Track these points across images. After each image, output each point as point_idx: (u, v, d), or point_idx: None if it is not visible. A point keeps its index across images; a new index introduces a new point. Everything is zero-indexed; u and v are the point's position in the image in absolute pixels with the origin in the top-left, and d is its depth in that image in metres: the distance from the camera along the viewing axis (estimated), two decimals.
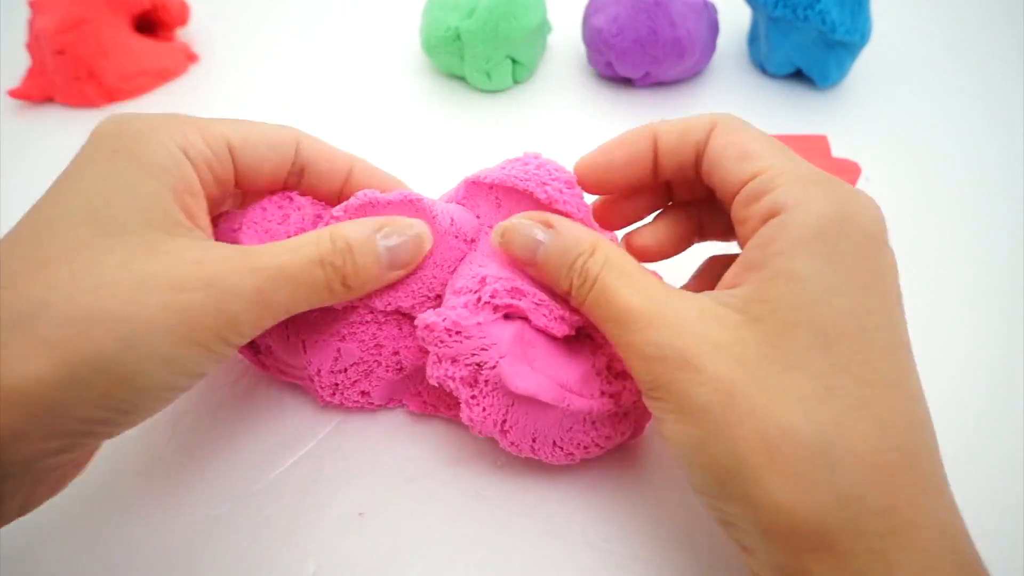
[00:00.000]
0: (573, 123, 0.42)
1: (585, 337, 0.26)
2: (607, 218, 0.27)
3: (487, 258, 0.25)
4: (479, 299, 0.24)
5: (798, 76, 0.44)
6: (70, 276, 0.19)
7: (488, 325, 0.24)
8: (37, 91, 0.43)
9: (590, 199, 0.26)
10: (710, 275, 0.26)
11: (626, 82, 0.44)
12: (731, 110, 0.42)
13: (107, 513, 0.26)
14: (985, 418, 0.28)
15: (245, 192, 0.28)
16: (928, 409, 0.20)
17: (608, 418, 0.25)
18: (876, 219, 0.21)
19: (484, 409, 0.24)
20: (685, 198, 0.27)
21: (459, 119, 0.42)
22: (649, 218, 0.27)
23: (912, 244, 0.34)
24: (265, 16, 0.51)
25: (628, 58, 0.41)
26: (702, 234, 0.27)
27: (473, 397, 0.24)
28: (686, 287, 0.27)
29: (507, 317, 0.24)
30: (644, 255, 0.26)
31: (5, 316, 0.19)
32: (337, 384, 0.27)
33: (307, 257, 0.22)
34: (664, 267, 0.27)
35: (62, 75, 0.42)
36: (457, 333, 0.24)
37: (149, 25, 0.46)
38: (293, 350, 0.27)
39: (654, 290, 0.21)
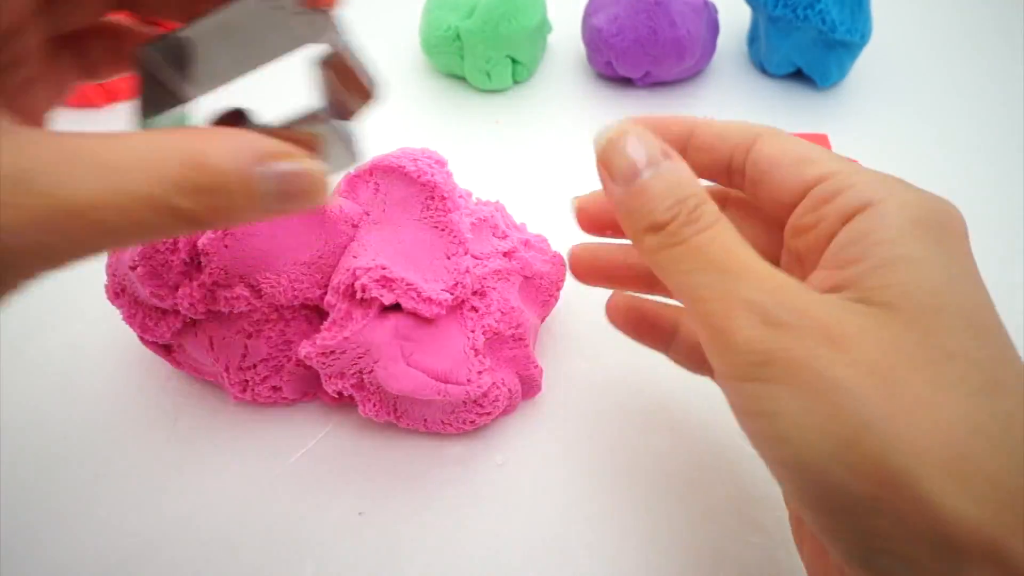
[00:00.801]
0: (573, 123, 0.42)
1: (470, 310, 0.27)
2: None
3: (361, 246, 0.26)
4: (353, 296, 0.25)
5: (798, 76, 0.44)
6: None
7: (358, 334, 0.25)
8: None
9: None
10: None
11: (626, 82, 0.44)
12: (731, 110, 0.42)
13: (106, 513, 0.26)
14: None
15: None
16: None
17: (489, 390, 0.26)
18: (961, 217, 0.19)
19: (375, 405, 0.26)
20: None
21: (459, 119, 0.42)
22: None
23: None
24: None
25: (628, 58, 0.41)
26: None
27: (364, 397, 0.26)
28: None
29: (384, 309, 0.25)
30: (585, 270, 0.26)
31: None
32: (247, 381, 0.28)
33: (139, 194, 0.15)
34: None
35: None
36: (331, 353, 0.25)
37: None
38: (200, 347, 0.27)
39: (768, 264, 0.18)
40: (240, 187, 0.17)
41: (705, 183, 0.22)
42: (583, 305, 0.31)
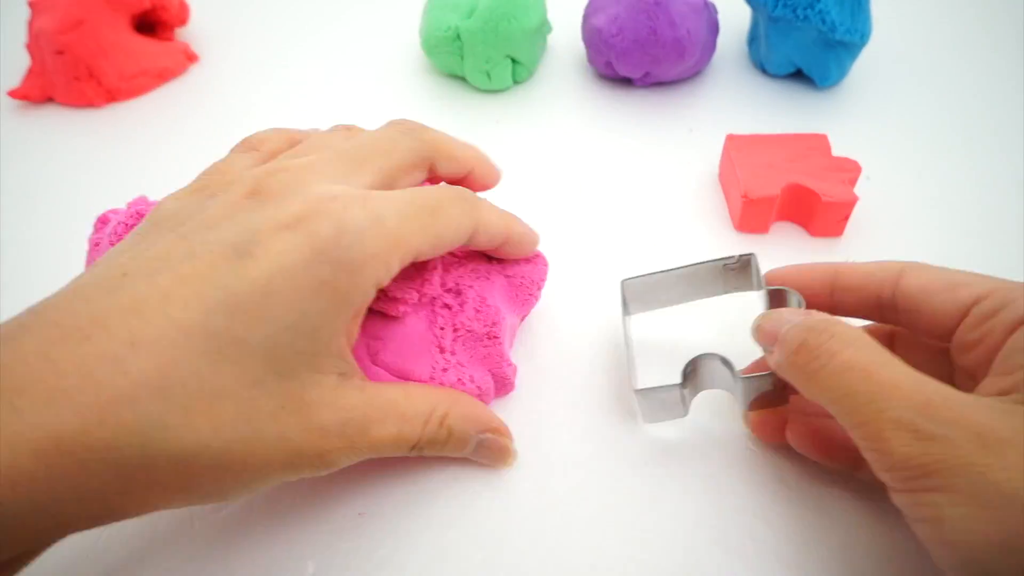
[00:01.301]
0: (573, 123, 0.42)
1: (443, 307, 0.26)
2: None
3: None
4: None
5: (798, 76, 0.44)
6: (232, 420, 0.19)
7: None
8: (37, 91, 0.43)
9: None
10: None
11: (626, 82, 0.44)
12: (731, 110, 0.42)
13: None
14: None
15: None
16: None
17: (454, 386, 0.26)
18: None
19: None
20: None
21: (459, 119, 0.42)
22: None
23: (912, 244, 0.34)
24: (265, 16, 0.51)
25: (628, 58, 0.41)
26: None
27: None
28: None
29: None
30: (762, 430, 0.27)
31: (172, 450, 0.18)
32: None
33: (409, 438, 0.23)
34: None
35: (62, 75, 0.42)
36: None
37: (149, 25, 0.46)
38: None
39: (921, 375, 0.19)
40: (459, 444, 0.25)
41: (862, 322, 0.25)
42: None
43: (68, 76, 0.42)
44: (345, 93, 0.45)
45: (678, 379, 0.25)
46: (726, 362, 0.25)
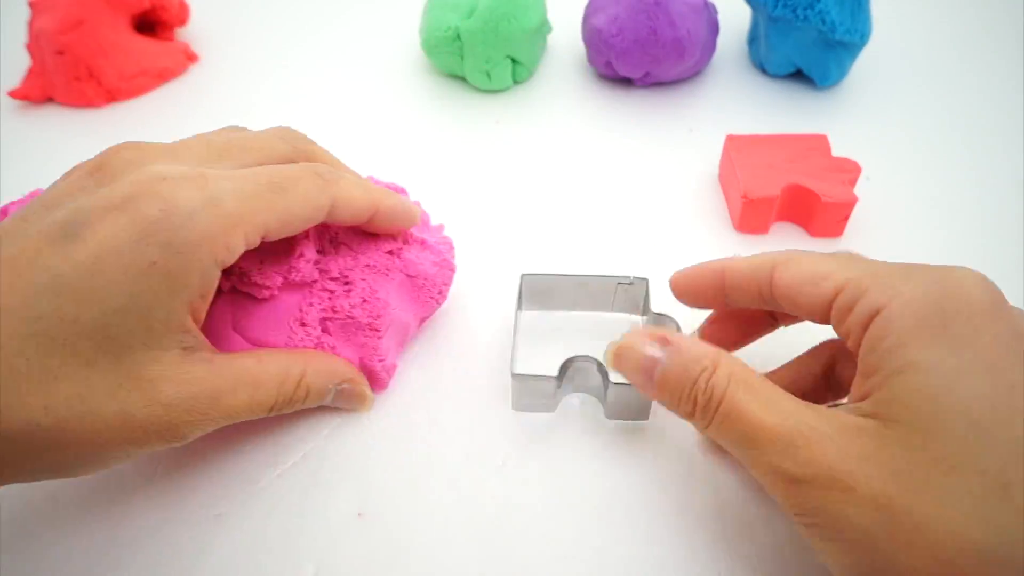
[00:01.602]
0: (573, 123, 0.42)
1: (322, 290, 0.27)
2: (716, 337, 0.27)
3: None
4: None
5: (798, 76, 0.44)
6: (66, 399, 0.20)
7: None
8: (37, 91, 0.43)
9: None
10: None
11: (626, 82, 0.44)
12: (731, 110, 0.42)
13: (108, 513, 0.26)
14: None
15: None
16: None
17: None
18: (980, 289, 0.19)
19: None
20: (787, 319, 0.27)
21: (459, 119, 0.42)
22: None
23: (912, 244, 0.34)
24: (265, 16, 0.51)
25: (628, 58, 0.41)
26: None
27: None
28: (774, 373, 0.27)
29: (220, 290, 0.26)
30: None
31: (1, 430, 0.19)
32: None
33: (264, 403, 0.24)
34: None
35: (62, 75, 0.42)
36: None
37: (149, 25, 0.46)
38: None
39: (786, 405, 0.20)
40: (317, 398, 0.26)
41: None
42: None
43: (68, 76, 0.42)
44: (345, 93, 0.45)
45: (555, 372, 0.26)
46: (602, 367, 0.25)
